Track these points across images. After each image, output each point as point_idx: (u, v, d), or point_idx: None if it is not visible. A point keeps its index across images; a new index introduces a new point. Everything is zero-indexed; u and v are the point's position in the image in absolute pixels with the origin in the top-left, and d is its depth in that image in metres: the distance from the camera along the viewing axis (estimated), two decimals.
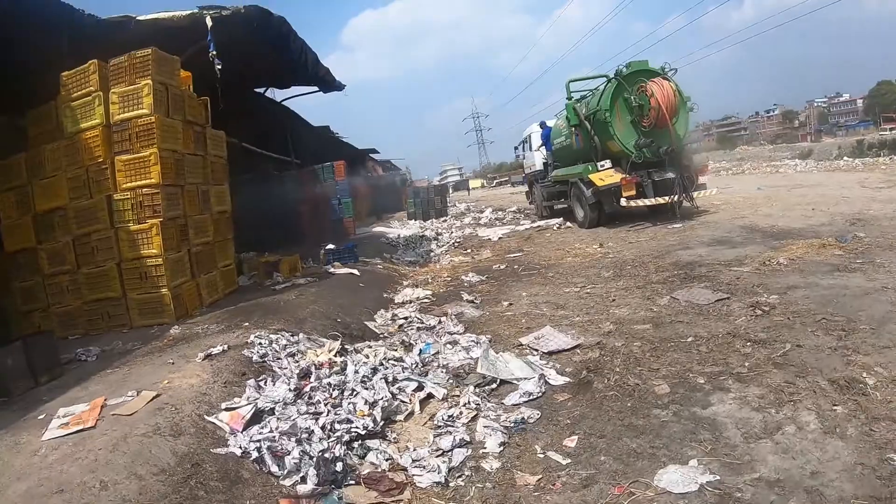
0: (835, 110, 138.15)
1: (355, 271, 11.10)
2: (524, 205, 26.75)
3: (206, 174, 9.11)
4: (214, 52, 8.66)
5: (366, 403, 4.69)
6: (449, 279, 11.01)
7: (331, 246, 12.73)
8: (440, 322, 7.46)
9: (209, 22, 8.72)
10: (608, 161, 14.77)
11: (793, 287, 6.77)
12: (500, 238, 16.89)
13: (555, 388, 5.02)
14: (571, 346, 5.94)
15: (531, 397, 4.85)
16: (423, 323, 7.57)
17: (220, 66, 8.72)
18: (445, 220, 27.08)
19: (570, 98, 16.24)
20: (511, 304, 8.18)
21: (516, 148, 26.68)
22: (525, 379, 5.17)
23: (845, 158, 32.72)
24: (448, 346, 6.32)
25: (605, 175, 14.40)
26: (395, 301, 9.38)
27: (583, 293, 8.26)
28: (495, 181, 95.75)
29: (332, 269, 11.29)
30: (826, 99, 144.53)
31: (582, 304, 7.64)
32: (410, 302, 9.16)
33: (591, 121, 15.14)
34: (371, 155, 44.87)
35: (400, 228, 23.43)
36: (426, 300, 9.19)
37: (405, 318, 7.95)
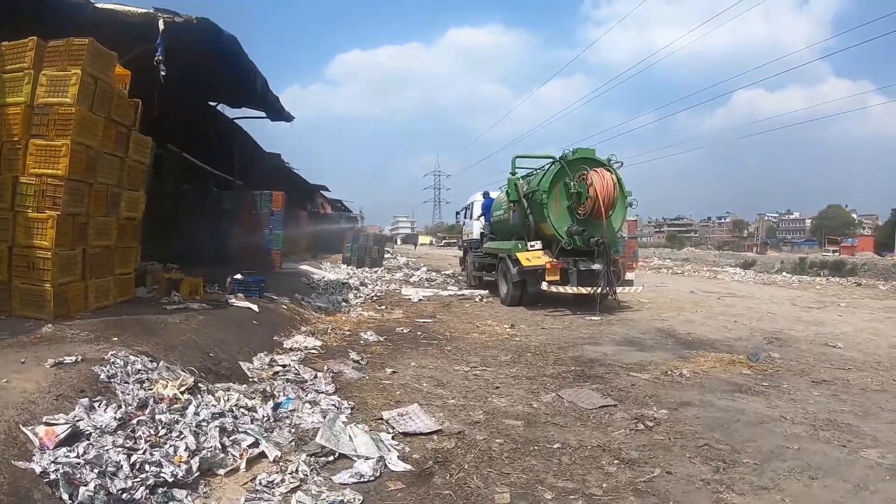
0: (783, 226, 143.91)
1: (254, 306, 10.35)
2: (459, 270, 26.16)
3: (121, 177, 8.74)
4: (160, 57, 8.76)
5: (186, 450, 4.22)
6: (348, 333, 10.42)
7: (238, 276, 11.94)
8: (315, 377, 6.89)
9: (161, 25, 8.78)
10: (539, 242, 14.37)
11: (686, 404, 6.25)
12: (420, 300, 16.23)
13: (391, 475, 4.38)
14: (430, 431, 5.32)
15: (361, 479, 4.26)
16: (298, 375, 7.01)
17: (164, 73, 8.83)
18: (377, 271, 26.33)
19: (513, 173, 15.94)
20: (395, 372, 7.56)
21: (458, 213, 26.28)
22: (364, 458, 4.56)
23: (784, 274, 32.81)
24: (308, 405, 5.80)
25: (533, 256, 13.99)
26: (284, 346, 8.75)
27: (471, 374, 7.63)
28: (444, 241, 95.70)
29: (232, 300, 10.58)
30: (777, 214, 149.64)
31: (464, 386, 6.99)
32: (297, 350, 8.58)
33: (529, 199, 14.82)
34: (322, 192, 44.31)
35: (328, 271, 22.65)
36: (314, 351, 8.62)
37: (283, 367, 7.38)
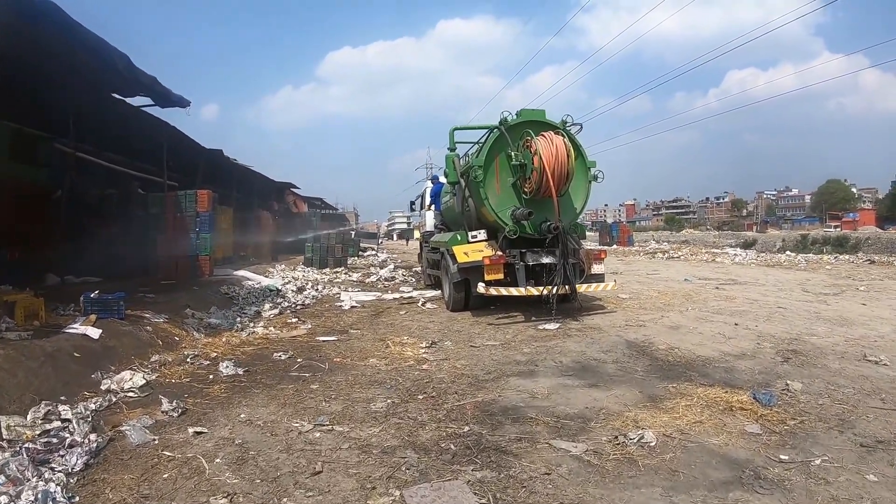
0: (783, 203, 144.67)
1: (94, 333, 7.85)
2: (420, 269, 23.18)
3: None
4: None
5: None
6: (207, 364, 7.86)
7: (94, 293, 9.16)
8: (85, 442, 4.82)
9: None
10: (483, 232, 11.29)
11: None
12: (351, 307, 13.40)
13: None
14: None
15: None
16: (69, 436, 4.96)
17: None
18: (338, 272, 23.85)
19: (452, 149, 12.41)
20: (201, 433, 5.15)
21: (412, 203, 22.94)
22: None
23: (788, 253, 30.03)
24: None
25: (472, 249, 10.95)
26: (101, 387, 6.53)
27: (303, 439, 4.93)
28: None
29: (75, 326, 8.04)
30: (775, 192, 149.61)
31: (271, 468, 4.37)
32: (113, 392, 6.46)
33: (467, 179, 11.59)
34: (292, 189, 41.48)
35: (273, 276, 19.82)
36: (132, 394, 6.44)
37: (63, 422, 5.33)
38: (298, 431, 5.07)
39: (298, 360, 7.97)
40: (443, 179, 15.45)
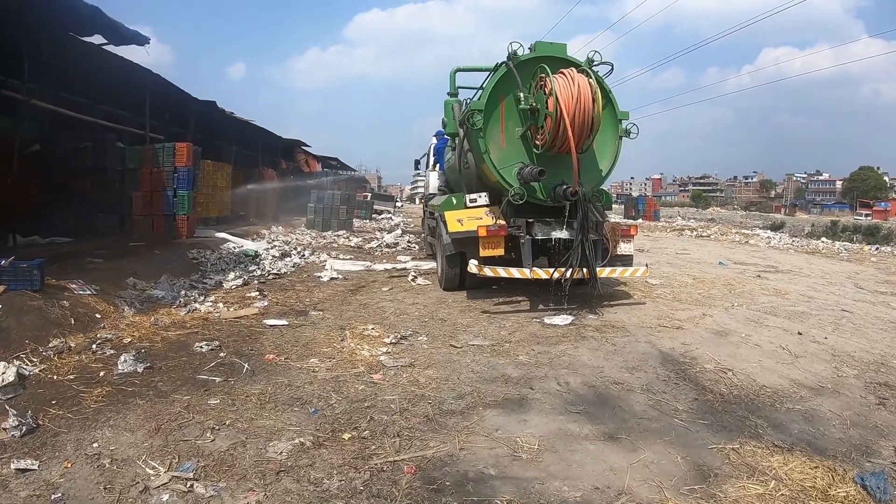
0: (813, 187, 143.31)
1: None
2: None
3: None
4: None
5: None
6: (110, 353, 6.17)
7: (6, 261, 7.19)
8: None
9: None
10: (484, 195, 9.06)
11: None
12: (330, 279, 11.44)
13: None
14: None
15: None
16: None
17: None
18: (340, 235, 22.21)
19: (453, 94, 10.12)
20: (25, 471, 3.61)
21: (417, 162, 20.53)
22: None
23: (823, 239, 27.84)
24: None
25: (468, 216, 8.76)
26: None
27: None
28: None
29: None
30: (805, 175, 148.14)
31: None
32: None
33: (465, 128, 9.10)
34: (303, 147, 39.44)
35: (258, 240, 17.83)
36: None
37: None
38: (144, 486, 3.40)
39: (221, 353, 6.19)
40: None
